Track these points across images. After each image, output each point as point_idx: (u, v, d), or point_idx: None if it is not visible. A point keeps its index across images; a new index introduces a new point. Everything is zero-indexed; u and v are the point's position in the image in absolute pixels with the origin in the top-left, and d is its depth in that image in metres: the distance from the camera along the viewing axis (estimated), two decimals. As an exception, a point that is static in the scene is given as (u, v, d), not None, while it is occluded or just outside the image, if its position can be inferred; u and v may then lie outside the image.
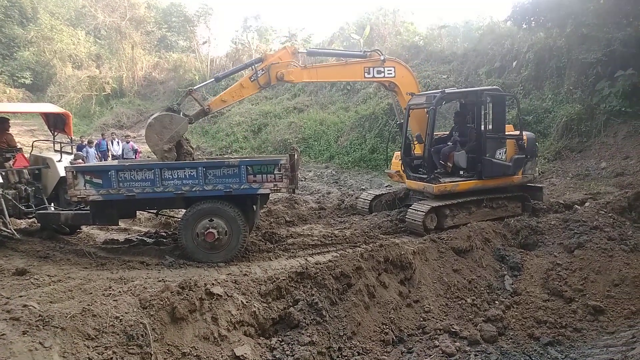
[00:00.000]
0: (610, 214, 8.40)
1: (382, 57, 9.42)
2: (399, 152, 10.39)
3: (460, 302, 6.70)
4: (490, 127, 9.08)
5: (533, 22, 17.44)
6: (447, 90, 9.27)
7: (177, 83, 34.67)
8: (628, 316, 6.17)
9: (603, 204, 8.99)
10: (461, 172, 9.25)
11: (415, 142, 9.62)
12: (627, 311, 6.26)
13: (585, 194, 10.67)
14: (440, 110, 11.91)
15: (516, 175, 9.37)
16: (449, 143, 9.78)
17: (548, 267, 7.24)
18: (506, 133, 9.28)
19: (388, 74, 9.47)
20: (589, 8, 15.34)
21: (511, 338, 6.09)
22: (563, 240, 7.85)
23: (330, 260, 6.54)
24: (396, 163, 10.26)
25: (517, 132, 9.44)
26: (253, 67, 8.80)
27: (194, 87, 9.10)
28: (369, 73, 9.40)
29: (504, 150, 9.17)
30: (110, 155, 15.76)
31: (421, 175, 9.19)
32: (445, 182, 8.83)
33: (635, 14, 15.02)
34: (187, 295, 5.36)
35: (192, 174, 7.26)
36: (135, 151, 15.92)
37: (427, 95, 9.40)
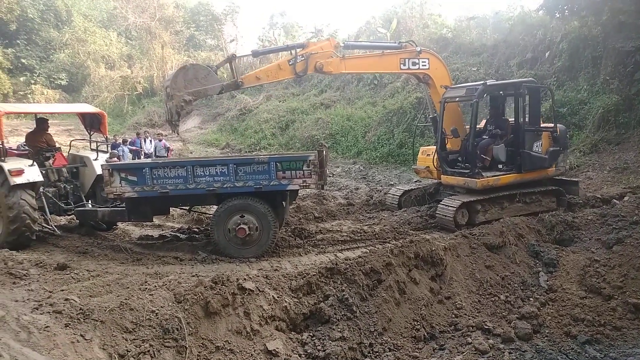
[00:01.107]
0: (651, 209, 8.08)
1: (418, 49, 9.29)
2: (426, 147, 10.25)
3: (493, 299, 6.59)
4: (527, 119, 8.98)
5: (567, 11, 16.84)
6: (488, 82, 9.09)
7: (205, 81, 35.15)
8: (671, 315, 5.93)
9: (644, 198, 8.66)
10: (500, 166, 9.11)
11: (450, 136, 9.44)
12: (670, 310, 6.02)
13: (624, 188, 10.27)
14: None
15: (551, 167, 9.20)
16: (484, 137, 9.57)
17: (585, 264, 7.02)
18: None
19: (422, 65, 9.30)
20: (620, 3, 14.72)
21: (547, 336, 5.96)
22: (601, 236, 7.61)
23: (359, 256, 6.55)
24: (423, 158, 10.11)
25: (552, 125, 9.20)
26: (293, 51, 8.54)
27: (237, 55, 9.16)
28: (404, 65, 9.23)
29: (540, 142, 9.03)
30: (143, 154, 16.16)
31: (462, 170, 9.05)
32: (487, 177, 8.72)
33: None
34: (220, 290, 5.47)
35: (223, 170, 7.38)
36: (167, 149, 16.29)
37: (467, 88, 9.24)
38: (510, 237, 7.56)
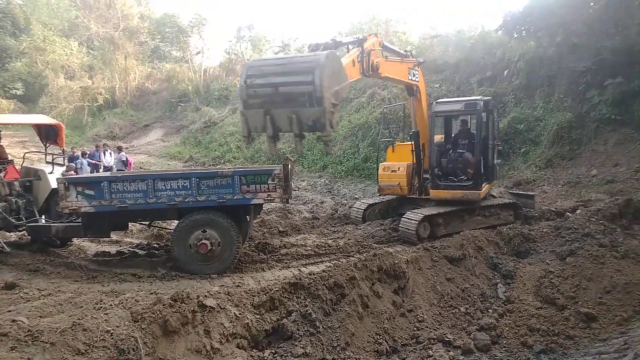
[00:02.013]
0: (601, 221, 8.46)
1: (421, 59, 9.47)
2: (386, 163, 10.38)
3: (453, 311, 6.70)
4: (492, 134, 9.54)
5: (524, 32, 17.66)
6: (485, 98, 9.34)
7: (170, 93, 34.71)
8: (620, 323, 6.19)
9: (594, 211, 9.07)
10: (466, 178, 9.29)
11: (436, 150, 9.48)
12: (618, 318, 6.28)
13: (577, 202, 10.74)
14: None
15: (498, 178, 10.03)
16: (459, 150, 9.57)
17: (540, 275, 7.27)
18: None
19: (416, 78, 9.30)
20: (578, 18, 15.58)
21: (504, 346, 6.10)
22: (555, 248, 7.90)
23: (323, 271, 6.53)
24: (388, 175, 9.99)
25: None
26: (348, 46, 7.47)
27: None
28: (410, 74, 9.04)
29: (496, 155, 9.64)
30: (102, 167, 15.67)
31: (462, 184, 9.02)
32: (485, 187, 9.11)
33: (624, 24, 15.25)
34: (179, 307, 5.33)
35: (185, 184, 7.23)
36: (125, 162, 15.76)
37: (465, 102, 9.37)
38: (470, 249, 7.75)
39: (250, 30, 39.75)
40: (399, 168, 9.90)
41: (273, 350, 5.54)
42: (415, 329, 6.30)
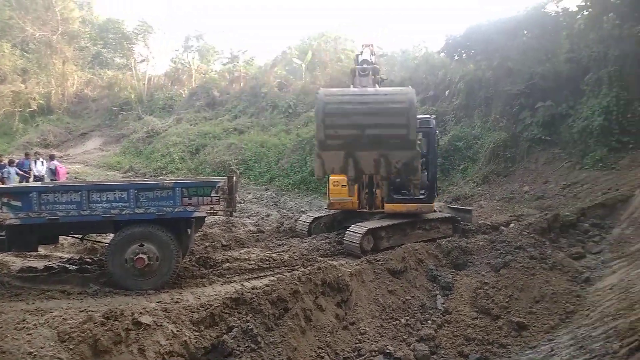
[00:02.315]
0: (532, 235, 8.99)
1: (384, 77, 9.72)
2: (335, 176, 10.08)
3: (394, 323, 6.81)
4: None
5: (464, 55, 18.64)
6: (432, 117, 9.88)
7: (111, 101, 33.31)
8: (548, 330, 6.54)
9: (526, 225, 9.62)
10: (422, 192, 9.48)
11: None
12: (546, 326, 6.64)
13: (510, 216, 11.35)
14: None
15: None
16: None
17: (477, 286, 7.57)
18: None
19: None
20: (513, 44, 16.67)
21: (442, 357, 6.26)
22: (490, 260, 8.28)
23: (267, 285, 6.45)
24: (339, 190, 9.85)
25: None
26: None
27: None
28: None
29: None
30: (33, 176, 14.67)
31: (415, 197, 9.23)
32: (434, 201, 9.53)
33: (553, 52, 16.49)
34: (111, 326, 5.05)
35: (122, 196, 6.93)
36: (54, 171, 14.74)
37: (419, 120, 9.58)
38: (411, 262, 7.94)
39: (198, 41, 39.18)
40: (341, 183, 9.84)
41: (212, 368, 5.36)
42: (357, 341, 6.33)
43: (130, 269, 6.82)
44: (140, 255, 6.78)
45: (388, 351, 6.10)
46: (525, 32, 17.43)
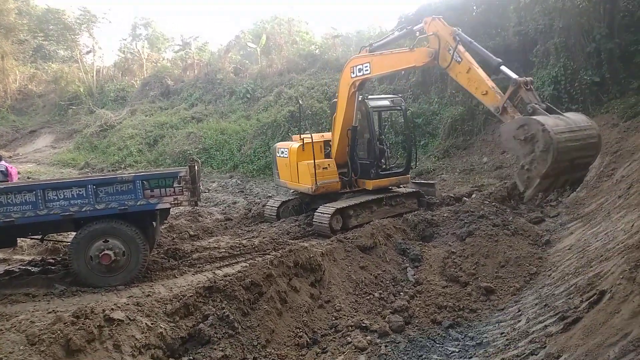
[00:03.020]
0: (493, 203, 9.32)
1: None
2: (320, 160, 9.69)
3: (368, 297, 6.94)
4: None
5: (417, 33, 18.83)
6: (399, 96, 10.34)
7: (58, 95, 31.77)
8: (514, 293, 6.84)
9: (487, 195, 9.98)
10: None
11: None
12: (512, 288, 6.94)
13: (472, 187, 11.74)
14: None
15: None
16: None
17: (444, 256, 7.80)
18: None
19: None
20: (464, 19, 16.99)
21: (417, 325, 6.44)
22: (455, 230, 8.53)
23: (239, 271, 6.41)
24: (322, 173, 9.50)
25: None
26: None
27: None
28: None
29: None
30: (-19, 179, 13.82)
31: (396, 171, 10.09)
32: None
33: (502, 26, 16.95)
34: (83, 324, 4.89)
35: (80, 192, 6.68)
36: (5, 172, 13.98)
37: (390, 99, 10.21)
38: (380, 237, 8.08)
39: (146, 28, 37.79)
40: (328, 165, 9.70)
41: (191, 357, 5.31)
42: (333, 318, 6.42)
43: (96, 266, 6.64)
44: (106, 252, 6.61)
45: (364, 325, 6.22)
46: (475, 8, 17.82)
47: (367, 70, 8.71)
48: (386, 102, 10.30)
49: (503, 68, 6.87)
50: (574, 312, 4.93)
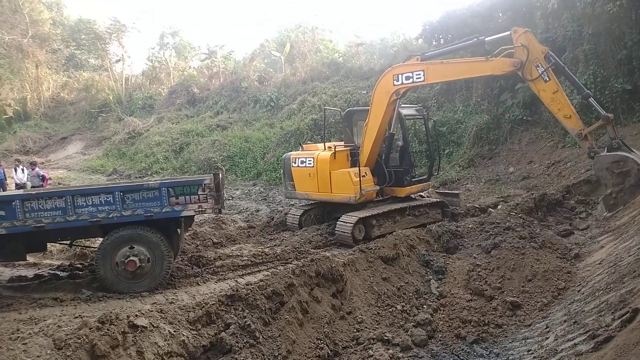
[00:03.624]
0: (520, 215, 9.11)
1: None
2: (351, 168, 9.48)
3: (391, 310, 6.85)
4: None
5: (442, 40, 18.72)
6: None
7: (89, 103, 32.74)
8: (541, 308, 6.65)
9: (513, 206, 9.74)
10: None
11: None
12: (540, 304, 6.75)
13: (497, 198, 11.49)
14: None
15: None
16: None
17: (469, 269, 7.64)
18: None
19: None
20: (489, 27, 16.76)
21: (440, 340, 6.33)
22: (480, 242, 8.36)
23: (261, 280, 6.43)
24: (358, 182, 9.11)
25: None
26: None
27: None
28: None
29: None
30: (15, 184, 14.35)
31: (419, 179, 10.19)
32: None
33: (529, 32, 16.64)
34: (108, 330, 4.99)
35: (108, 199, 6.81)
36: (43, 178, 14.58)
37: (415, 108, 10.54)
38: (403, 248, 7.98)
39: (174, 37, 38.64)
40: (365, 173, 9.46)
41: (212, 366, 5.34)
42: (355, 330, 6.36)
43: (122, 273, 6.73)
44: (131, 258, 6.69)
45: (386, 338, 6.14)
46: (500, 14, 17.58)
47: (419, 78, 8.65)
48: (413, 111, 10.41)
49: (592, 100, 7.44)
50: (605, 330, 4.75)
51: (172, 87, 31.49)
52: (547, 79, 7.13)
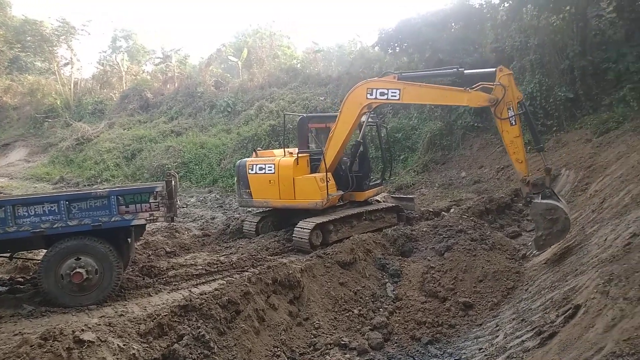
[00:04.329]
0: (471, 218, 9.40)
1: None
2: (317, 174, 9.48)
3: (348, 314, 6.88)
4: None
5: (397, 48, 19.16)
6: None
7: (34, 108, 31.14)
8: (492, 307, 6.87)
9: (465, 209, 10.07)
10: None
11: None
12: (491, 303, 6.97)
13: (450, 201, 11.82)
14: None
15: None
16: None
17: (423, 271, 7.80)
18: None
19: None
20: (442, 36, 17.34)
21: (396, 342, 6.40)
22: (434, 245, 8.56)
23: (216, 289, 6.28)
24: (324, 186, 9.20)
25: None
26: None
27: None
28: None
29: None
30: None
31: (375, 182, 10.56)
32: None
33: (480, 42, 17.36)
34: (51, 347, 4.70)
35: (52, 208, 6.47)
36: None
37: (370, 115, 10.34)
38: (360, 253, 8.05)
39: (127, 41, 37.52)
40: (330, 178, 9.45)
41: (164, 380, 5.15)
42: (312, 336, 6.34)
43: (68, 285, 6.40)
44: (78, 270, 6.37)
45: (343, 342, 6.15)
46: (453, 24, 18.20)
47: (394, 96, 8.66)
48: (369, 119, 10.43)
49: (542, 153, 8.05)
50: (550, 326, 4.96)
51: (125, 92, 30.51)
52: (513, 123, 7.58)
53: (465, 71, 8.48)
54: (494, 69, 7.90)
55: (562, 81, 13.58)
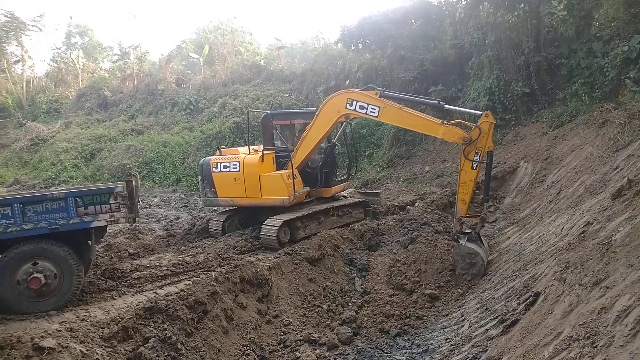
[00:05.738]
0: (435, 211, 9.63)
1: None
2: (283, 171, 9.44)
3: (317, 310, 6.91)
4: None
5: (360, 45, 19.31)
6: None
7: (-17, 108, 29.52)
8: (457, 298, 7.06)
9: (429, 203, 10.28)
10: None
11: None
12: (456, 294, 7.16)
13: (415, 195, 12.04)
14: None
15: None
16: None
17: (390, 264, 7.92)
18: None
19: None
20: (403, 33, 17.61)
21: (365, 336, 6.48)
22: (399, 238, 8.71)
23: (182, 290, 6.18)
24: (290, 183, 9.17)
25: None
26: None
27: None
28: None
29: None
30: None
31: (342, 178, 10.68)
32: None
33: (440, 39, 17.72)
34: (8, 355, 4.52)
35: (5, 212, 6.15)
36: None
37: None
38: (328, 249, 8.09)
39: (82, 37, 36.14)
40: (296, 175, 9.40)
41: (130, 384, 5.02)
42: (281, 333, 6.33)
43: (25, 291, 6.11)
44: (35, 275, 6.10)
45: (313, 338, 6.17)
46: (413, 21, 18.50)
47: (373, 112, 8.58)
48: None
49: (486, 204, 8.25)
50: (512, 314, 5.13)
51: (81, 90, 29.39)
52: (474, 168, 7.74)
53: (445, 105, 8.57)
54: (480, 112, 8.01)
55: (518, 77, 14.05)
